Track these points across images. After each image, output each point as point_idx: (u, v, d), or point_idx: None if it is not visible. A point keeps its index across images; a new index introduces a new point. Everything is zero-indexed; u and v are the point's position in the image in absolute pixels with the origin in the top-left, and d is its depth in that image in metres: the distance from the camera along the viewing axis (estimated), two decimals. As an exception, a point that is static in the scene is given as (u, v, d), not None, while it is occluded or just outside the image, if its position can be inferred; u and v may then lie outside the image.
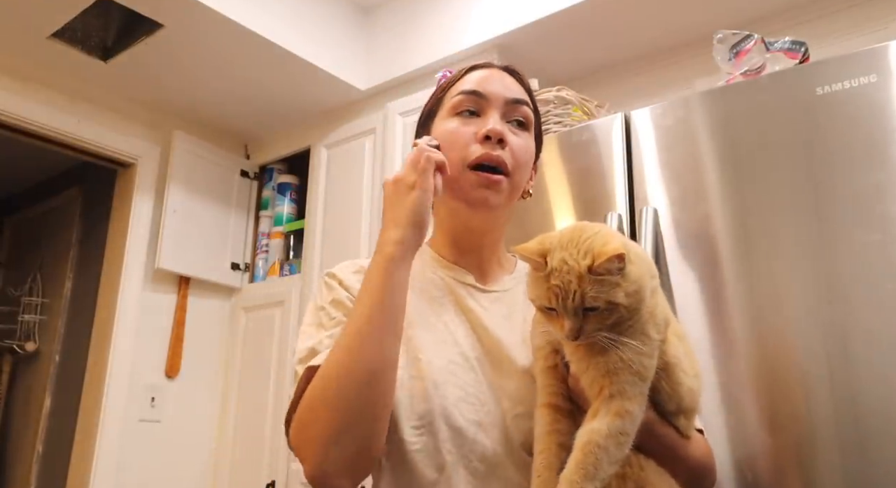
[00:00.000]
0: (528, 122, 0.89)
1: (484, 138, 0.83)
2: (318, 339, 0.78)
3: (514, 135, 0.86)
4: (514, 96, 0.88)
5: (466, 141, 0.84)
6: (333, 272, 0.87)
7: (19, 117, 2.18)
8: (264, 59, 2.19)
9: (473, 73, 0.90)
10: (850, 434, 1.02)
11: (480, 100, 0.86)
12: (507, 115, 0.87)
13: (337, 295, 0.83)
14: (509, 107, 0.87)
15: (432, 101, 0.93)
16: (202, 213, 2.52)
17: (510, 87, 0.89)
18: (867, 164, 1.10)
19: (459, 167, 0.83)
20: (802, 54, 1.37)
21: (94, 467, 2.16)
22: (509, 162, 0.84)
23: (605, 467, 0.64)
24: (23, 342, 3.00)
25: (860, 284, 1.06)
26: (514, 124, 0.87)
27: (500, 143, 0.84)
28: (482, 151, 0.83)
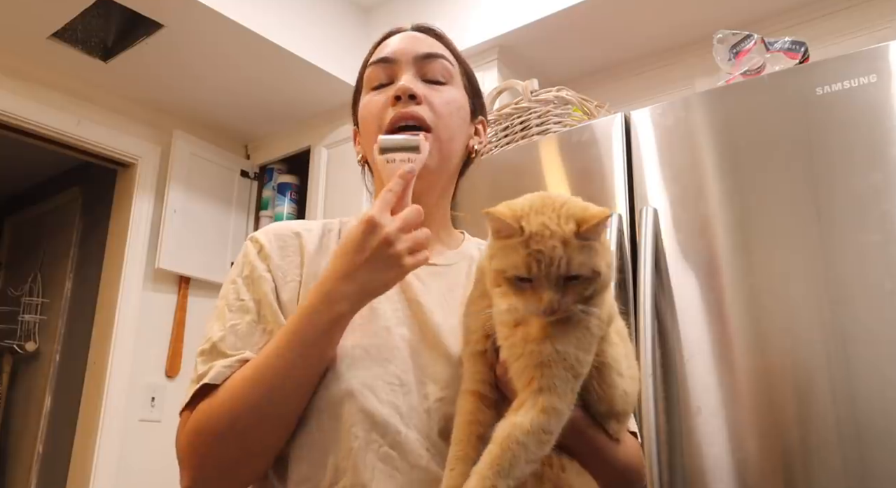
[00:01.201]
0: (448, 75, 0.83)
1: (395, 100, 0.79)
2: (220, 332, 0.72)
3: (432, 90, 0.81)
4: (425, 51, 0.83)
5: (380, 110, 0.80)
6: (256, 236, 0.80)
7: (19, 117, 2.18)
8: (264, 59, 2.19)
9: (383, 43, 0.87)
10: (851, 434, 1.02)
11: (390, 65, 0.83)
12: (421, 74, 0.82)
13: (252, 269, 0.76)
14: (421, 63, 0.82)
15: (356, 84, 0.89)
16: (202, 213, 2.52)
17: (420, 44, 0.84)
18: (867, 164, 1.10)
19: (376, 137, 0.77)
20: (802, 54, 1.37)
21: (94, 467, 2.16)
22: (427, 115, 0.78)
23: (522, 465, 0.58)
24: (23, 342, 3.00)
25: (860, 284, 1.06)
26: (431, 83, 0.82)
27: (412, 99, 0.79)
28: (395, 111, 0.79)
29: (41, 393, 2.82)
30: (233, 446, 0.66)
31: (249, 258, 0.78)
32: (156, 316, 2.40)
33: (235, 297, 0.75)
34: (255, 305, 0.74)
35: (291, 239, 0.79)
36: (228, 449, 0.67)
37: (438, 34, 0.87)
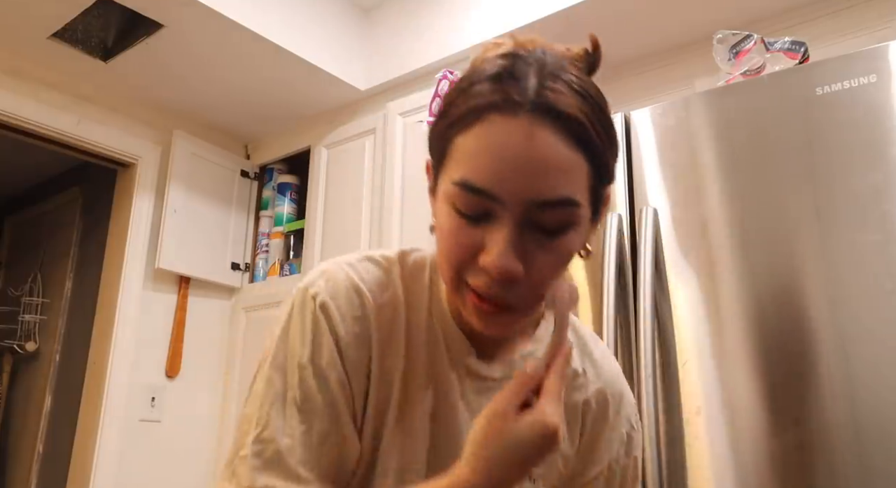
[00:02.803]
0: (570, 223, 0.57)
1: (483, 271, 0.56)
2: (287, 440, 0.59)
3: (540, 250, 0.56)
4: (546, 197, 0.54)
5: (465, 256, 0.57)
6: (326, 303, 0.62)
7: (19, 117, 2.18)
8: (264, 59, 2.19)
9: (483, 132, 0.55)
10: (850, 434, 1.02)
11: (489, 203, 0.55)
12: (531, 221, 0.55)
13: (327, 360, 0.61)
14: (536, 211, 0.55)
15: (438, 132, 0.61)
16: (202, 213, 2.52)
17: (542, 174, 0.54)
18: (867, 164, 1.10)
19: (454, 279, 0.59)
20: (802, 54, 1.37)
21: (94, 467, 2.16)
22: (519, 295, 0.57)
23: None
24: (23, 342, 3.00)
25: (860, 284, 1.06)
26: (544, 233, 0.56)
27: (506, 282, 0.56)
28: (480, 279, 0.57)
29: (41, 393, 2.83)
30: None
31: (323, 343, 0.62)
32: (156, 316, 2.40)
33: (304, 392, 0.60)
34: (328, 410, 0.60)
35: (363, 321, 0.63)
36: None
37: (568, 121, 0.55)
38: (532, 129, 0.53)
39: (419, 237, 2.01)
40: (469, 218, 0.56)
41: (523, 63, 0.57)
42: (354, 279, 0.64)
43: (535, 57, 0.57)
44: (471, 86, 0.57)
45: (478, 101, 0.56)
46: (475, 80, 0.57)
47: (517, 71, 0.56)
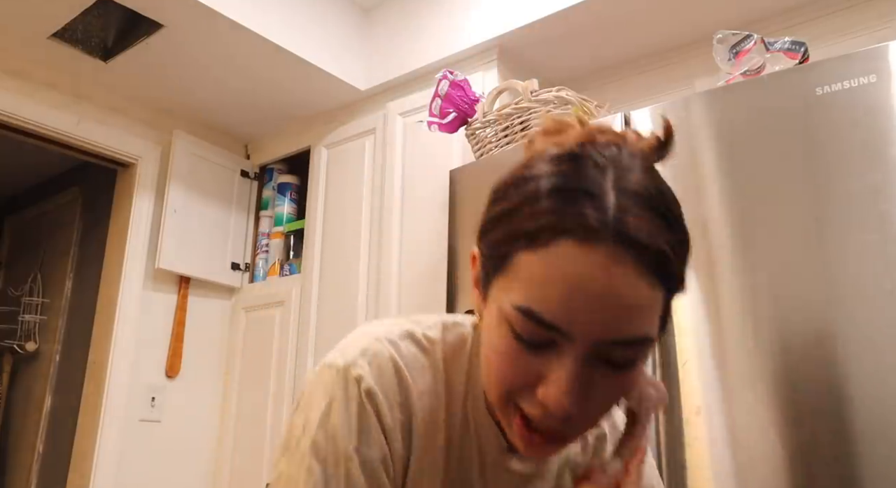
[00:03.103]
0: (639, 357, 0.53)
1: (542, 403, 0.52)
2: None
3: (603, 382, 0.52)
4: (619, 336, 0.50)
5: (519, 382, 0.53)
6: (372, 390, 0.58)
7: (19, 117, 2.18)
8: (264, 59, 2.19)
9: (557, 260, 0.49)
10: (850, 434, 1.02)
11: (556, 336, 0.50)
12: (600, 353, 0.51)
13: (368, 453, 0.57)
14: (605, 348, 0.51)
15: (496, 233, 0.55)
16: (202, 213, 2.52)
17: (617, 313, 0.49)
18: (866, 164, 1.10)
19: (502, 400, 0.55)
20: (802, 54, 1.37)
21: (94, 467, 2.16)
22: (577, 428, 0.55)
23: None
24: (23, 342, 3.00)
25: (859, 284, 1.06)
26: (610, 366, 0.52)
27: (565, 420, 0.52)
28: (534, 408, 0.53)
29: (41, 393, 2.83)
30: None
31: (371, 434, 0.58)
32: (156, 316, 2.41)
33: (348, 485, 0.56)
34: None
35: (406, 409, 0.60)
36: None
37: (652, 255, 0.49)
38: (611, 264, 0.48)
39: (418, 237, 2.01)
40: (529, 345, 0.52)
41: (597, 171, 0.51)
42: (399, 362, 0.60)
43: (607, 159, 0.52)
44: (537, 195, 0.51)
45: (549, 219, 0.50)
46: (543, 187, 0.51)
47: (592, 184, 0.50)
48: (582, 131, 0.55)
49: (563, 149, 0.53)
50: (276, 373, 2.35)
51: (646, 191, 0.51)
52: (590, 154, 0.52)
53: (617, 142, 0.54)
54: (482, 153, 1.71)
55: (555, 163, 0.52)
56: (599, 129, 0.55)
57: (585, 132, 0.55)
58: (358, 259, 2.23)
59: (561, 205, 0.50)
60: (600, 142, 0.54)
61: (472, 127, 1.73)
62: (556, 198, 0.50)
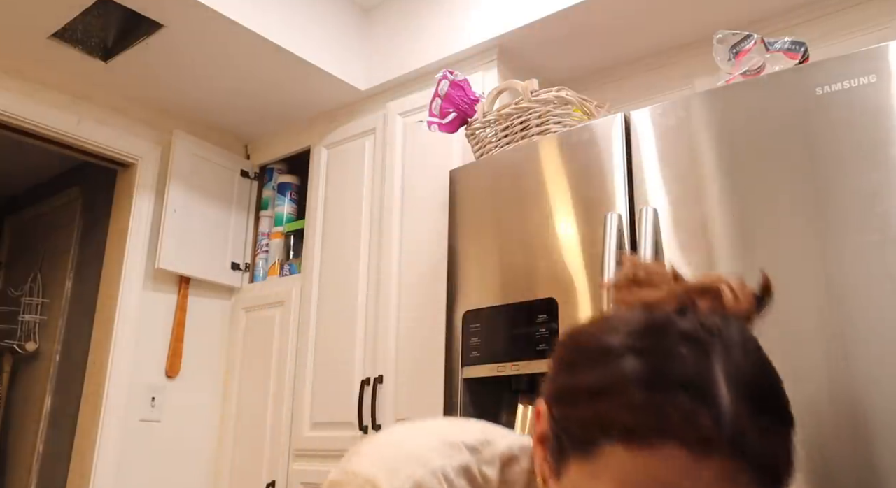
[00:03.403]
0: None
1: None
2: None
3: None
4: None
5: None
6: None
7: (19, 117, 2.18)
8: (264, 59, 2.19)
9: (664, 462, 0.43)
10: (850, 434, 1.02)
11: None
12: None
13: None
14: None
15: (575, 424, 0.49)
16: (202, 213, 2.52)
17: None
18: (866, 165, 1.10)
19: None
20: (802, 54, 1.37)
21: (94, 467, 2.17)
22: None
23: None
24: (23, 342, 3.00)
25: (859, 284, 1.06)
26: None
27: None
28: None
29: (41, 393, 2.83)
30: None
31: None
32: (156, 316, 2.41)
33: None
34: None
35: None
36: None
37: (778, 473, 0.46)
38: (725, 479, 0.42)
39: (418, 237, 2.01)
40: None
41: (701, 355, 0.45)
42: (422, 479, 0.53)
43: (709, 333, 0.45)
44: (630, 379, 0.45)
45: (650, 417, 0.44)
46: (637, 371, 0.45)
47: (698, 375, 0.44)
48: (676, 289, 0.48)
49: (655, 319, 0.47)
50: (276, 373, 2.35)
51: (757, 381, 0.46)
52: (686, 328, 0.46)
53: (716, 308, 0.47)
54: (482, 153, 1.71)
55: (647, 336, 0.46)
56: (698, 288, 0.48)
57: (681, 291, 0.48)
58: (358, 259, 2.23)
59: (663, 400, 0.43)
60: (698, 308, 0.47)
61: (472, 127, 1.73)
62: (656, 390, 0.44)
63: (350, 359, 2.12)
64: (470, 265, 1.58)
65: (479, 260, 1.57)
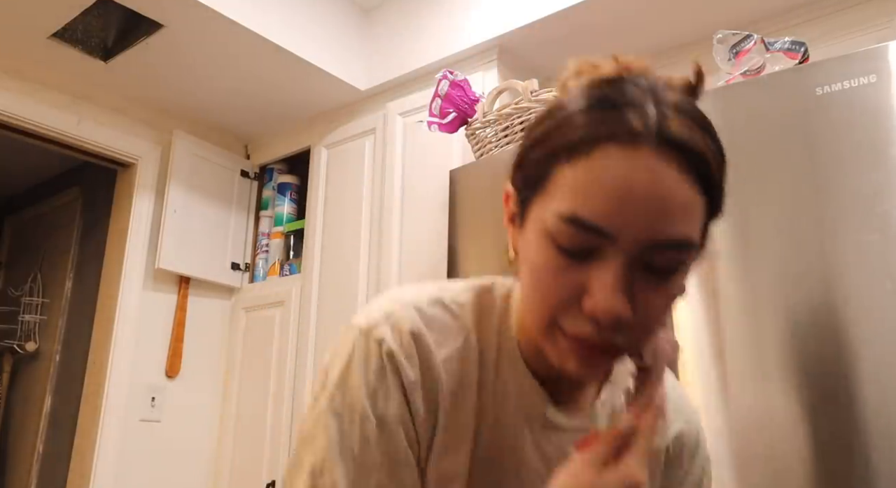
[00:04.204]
0: (683, 264, 0.52)
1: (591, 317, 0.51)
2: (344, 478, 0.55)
3: (649, 290, 0.51)
4: (664, 238, 0.49)
5: (563, 299, 0.52)
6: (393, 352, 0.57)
7: (19, 117, 2.18)
8: (264, 59, 2.19)
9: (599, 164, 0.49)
10: (850, 434, 1.02)
11: (600, 239, 0.50)
12: (644, 260, 0.50)
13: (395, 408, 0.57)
14: (649, 252, 0.50)
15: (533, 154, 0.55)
16: (202, 213, 2.52)
17: (661, 212, 0.49)
18: (866, 165, 1.10)
19: (547, 323, 0.53)
20: (802, 54, 1.37)
21: (94, 467, 2.16)
22: (627, 338, 0.52)
23: None
24: (23, 342, 3.00)
25: (859, 284, 1.06)
26: (655, 273, 0.51)
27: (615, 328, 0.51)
28: (582, 328, 0.51)
29: (41, 393, 2.83)
30: None
31: (389, 395, 0.57)
32: (156, 316, 2.41)
33: (363, 445, 0.56)
34: (388, 464, 0.56)
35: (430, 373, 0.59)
36: None
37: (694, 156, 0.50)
38: (656, 164, 0.48)
39: (418, 237, 2.01)
40: (571, 255, 0.51)
41: (636, 88, 0.51)
42: (422, 329, 0.59)
43: (645, 82, 0.52)
44: (577, 112, 0.52)
45: (591, 129, 0.50)
46: (582, 105, 0.52)
47: (632, 96, 0.51)
48: (617, 64, 0.55)
49: (597, 75, 0.54)
50: (276, 373, 2.35)
51: (685, 104, 0.52)
52: (628, 78, 0.52)
53: (650, 74, 0.54)
54: (482, 153, 1.71)
55: (592, 86, 0.53)
56: (634, 62, 0.55)
57: (621, 65, 0.55)
58: (358, 259, 2.23)
59: (601, 115, 0.50)
60: (635, 72, 0.54)
61: (472, 127, 1.73)
62: (596, 111, 0.50)
63: (350, 359, 2.12)
64: (470, 265, 1.58)
65: (479, 260, 1.57)
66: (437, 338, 0.60)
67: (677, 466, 0.69)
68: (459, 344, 0.61)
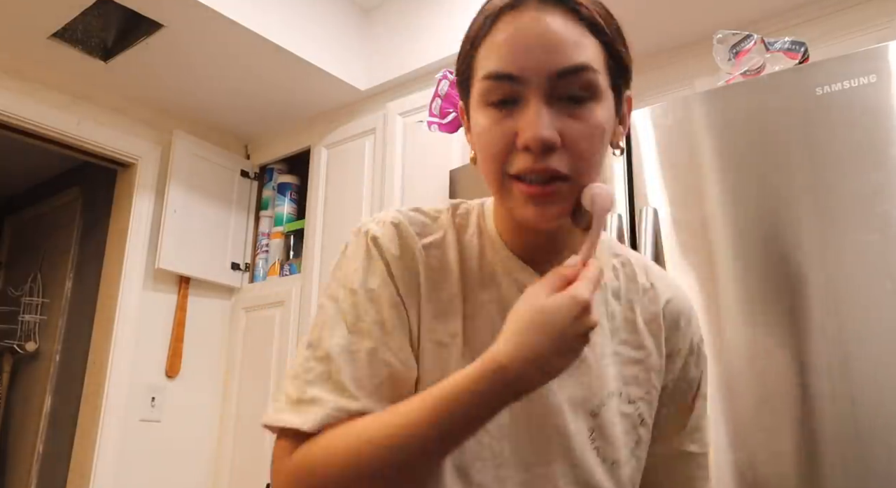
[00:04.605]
0: (590, 89, 0.61)
1: (524, 150, 0.60)
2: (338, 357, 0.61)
3: (569, 118, 0.60)
4: (562, 64, 0.59)
5: (503, 146, 0.61)
6: (377, 237, 0.66)
7: (19, 117, 2.18)
8: (264, 59, 2.19)
9: (499, 31, 0.62)
10: (850, 434, 1.02)
11: (515, 85, 0.60)
12: (556, 93, 0.60)
13: (377, 284, 0.64)
14: (556, 82, 0.60)
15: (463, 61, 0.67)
16: (202, 213, 2.52)
17: (554, 45, 0.60)
18: (866, 164, 1.10)
19: (499, 176, 0.62)
20: (802, 54, 1.37)
21: (94, 467, 2.16)
22: (564, 163, 0.59)
23: None
24: (23, 342, 3.00)
25: (859, 284, 1.06)
26: (570, 102, 0.60)
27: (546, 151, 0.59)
28: (523, 163, 0.60)
29: (41, 393, 2.83)
30: None
31: (374, 270, 0.65)
32: (156, 316, 2.41)
33: (355, 314, 0.63)
34: (378, 330, 0.63)
35: (411, 254, 0.67)
36: None
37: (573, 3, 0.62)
38: (540, 14, 0.61)
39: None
40: (500, 107, 0.61)
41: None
42: (404, 221, 0.69)
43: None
44: (478, 12, 0.66)
45: (487, 15, 0.64)
46: (482, 6, 0.66)
47: None
48: None
49: None
50: (276, 373, 2.35)
51: None
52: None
53: None
54: (482, 153, 1.70)
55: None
56: None
57: None
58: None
59: (492, 3, 0.64)
60: None
61: (472, 127, 1.73)
62: (487, 5, 0.65)
63: (350, 359, 2.12)
64: (470, 265, 1.58)
65: (479, 260, 1.56)
66: (417, 229, 0.69)
67: (675, 328, 0.74)
68: (438, 237, 0.69)
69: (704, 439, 0.76)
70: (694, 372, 0.75)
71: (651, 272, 0.76)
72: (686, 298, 0.78)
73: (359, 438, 0.57)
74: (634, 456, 0.69)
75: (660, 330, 0.73)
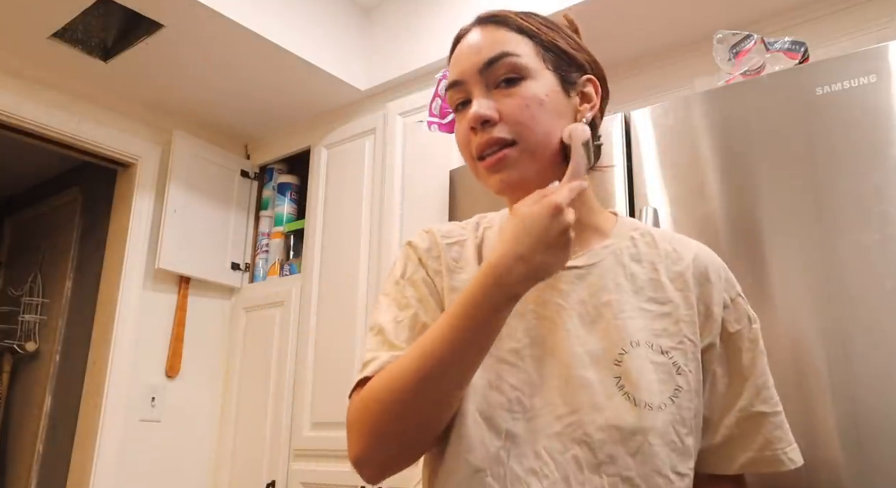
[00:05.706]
0: (517, 68, 0.75)
1: (472, 130, 0.76)
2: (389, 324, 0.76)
3: (505, 97, 0.75)
4: (486, 57, 0.76)
5: (466, 137, 0.78)
6: (416, 245, 0.83)
7: (19, 117, 2.18)
8: (264, 59, 2.19)
9: (454, 53, 0.82)
10: (851, 434, 1.02)
11: (461, 89, 0.78)
12: (490, 82, 0.76)
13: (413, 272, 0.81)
14: (486, 73, 0.76)
15: None
16: (202, 213, 2.52)
17: (481, 48, 0.77)
18: (867, 165, 1.10)
19: (472, 163, 0.78)
20: (802, 54, 1.37)
21: (94, 467, 2.16)
22: (507, 133, 0.74)
23: None
24: (23, 342, 3.00)
25: (860, 284, 1.06)
26: (504, 85, 0.75)
27: (485, 125, 0.74)
28: (477, 141, 0.75)
29: (41, 393, 2.83)
30: (395, 419, 0.68)
31: (410, 263, 0.83)
32: (156, 316, 2.41)
33: (400, 295, 0.80)
34: (418, 302, 0.79)
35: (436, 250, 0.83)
36: (390, 423, 0.69)
37: (500, 19, 0.79)
38: (476, 31, 0.80)
39: (419, 237, 2.01)
40: (460, 108, 0.79)
41: None
42: (434, 229, 0.85)
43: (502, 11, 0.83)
44: None
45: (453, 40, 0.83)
46: None
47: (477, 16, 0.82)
48: None
49: None
50: (276, 373, 2.35)
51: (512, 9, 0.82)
52: None
53: None
54: (482, 153, 1.71)
55: None
56: None
57: None
58: (358, 259, 2.23)
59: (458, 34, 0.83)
60: None
61: (472, 127, 1.73)
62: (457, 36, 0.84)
63: (350, 359, 2.12)
64: (470, 265, 1.58)
65: (479, 260, 1.56)
66: (444, 233, 0.84)
67: (706, 281, 0.78)
68: (461, 238, 0.84)
69: (773, 397, 0.78)
70: (734, 327, 0.78)
71: (674, 239, 0.83)
72: (712, 255, 0.82)
73: (394, 366, 0.69)
74: (675, 404, 0.71)
75: (686, 286, 0.77)
